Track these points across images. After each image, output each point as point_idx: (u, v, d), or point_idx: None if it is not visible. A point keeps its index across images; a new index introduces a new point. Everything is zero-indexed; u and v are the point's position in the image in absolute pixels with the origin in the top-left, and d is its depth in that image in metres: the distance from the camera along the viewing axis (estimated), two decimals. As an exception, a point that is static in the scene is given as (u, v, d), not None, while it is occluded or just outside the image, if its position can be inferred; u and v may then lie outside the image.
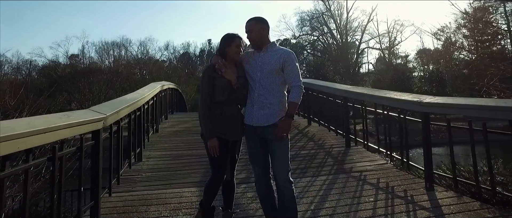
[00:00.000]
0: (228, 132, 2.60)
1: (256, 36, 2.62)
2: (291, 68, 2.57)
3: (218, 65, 2.58)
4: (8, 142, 1.90)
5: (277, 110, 2.58)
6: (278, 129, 2.50)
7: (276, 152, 2.57)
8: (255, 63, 2.64)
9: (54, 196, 2.29)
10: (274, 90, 2.59)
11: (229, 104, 2.60)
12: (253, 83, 2.63)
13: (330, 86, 6.54)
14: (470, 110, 3.10)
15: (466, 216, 2.98)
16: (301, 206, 3.33)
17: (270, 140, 2.56)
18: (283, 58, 2.57)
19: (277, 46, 2.71)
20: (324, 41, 46.84)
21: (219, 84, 2.57)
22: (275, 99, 2.59)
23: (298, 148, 5.87)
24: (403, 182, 3.98)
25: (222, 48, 2.66)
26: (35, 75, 46.73)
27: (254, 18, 2.68)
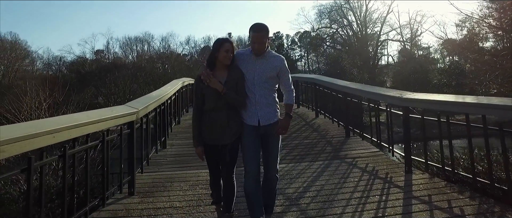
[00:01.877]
0: (218, 138, 2.72)
1: (263, 47, 2.75)
2: (285, 76, 2.88)
3: (203, 76, 2.71)
4: (76, 129, 2.74)
5: (276, 109, 2.87)
6: (280, 126, 2.80)
7: (272, 146, 2.84)
8: (252, 67, 2.80)
9: (105, 169, 3.13)
10: (271, 92, 2.84)
11: (219, 110, 2.70)
12: (252, 85, 2.78)
13: (332, 82, 7.20)
14: (436, 105, 3.70)
15: (430, 192, 3.61)
16: (295, 184, 4.06)
17: (271, 136, 2.81)
18: (279, 67, 2.81)
19: (271, 52, 2.87)
20: (343, 33, 46.60)
21: (207, 94, 2.70)
22: (273, 99, 2.85)
23: (303, 137, 6.56)
24: (388, 166, 4.61)
25: (213, 53, 2.75)
26: (65, 70, 49.32)
27: (265, 29, 2.75)
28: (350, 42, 44.68)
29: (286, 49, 68.09)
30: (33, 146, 2.31)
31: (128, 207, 3.46)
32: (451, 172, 3.73)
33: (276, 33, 79.92)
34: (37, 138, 2.31)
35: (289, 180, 4.24)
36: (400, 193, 3.65)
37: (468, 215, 3.04)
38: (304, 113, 9.40)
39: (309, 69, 64.89)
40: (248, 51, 2.85)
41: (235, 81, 2.73)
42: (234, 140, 2.77)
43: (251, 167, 2.78)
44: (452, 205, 3.25)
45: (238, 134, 2.77)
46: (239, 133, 2.78)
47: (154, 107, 5.17)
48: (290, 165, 4.89)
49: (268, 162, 2.85)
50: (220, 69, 2.74)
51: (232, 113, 2.74)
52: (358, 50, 40.95)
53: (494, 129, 3.14)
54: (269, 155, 2.84)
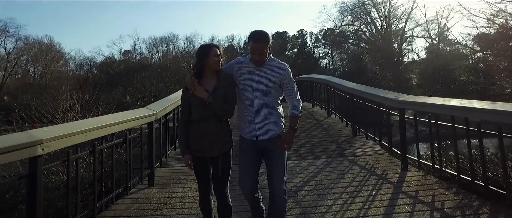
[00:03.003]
0: (205, 150, 2.50)
1: (265, 57, 2.54)
2: (289, 85, 2.62)
3: (188, 84, 2.49)
4: (103, 129, 3.30)
5: (278, 122, 2.60)
6: (282, 140, 2.51)
7: (276, 163, 2.55)
8: (251, 76, 2.58)
9: (127, 163, 3.69)
10: (272, 103, 2.60)
11: (206, 120, 2.48)
12: (250, 96, 2.56)
13: (340, 83, 7.53)
14: (425, 107, 4.00)
15: (419, 187, 3.91)
16: (296, 179, 4.47)
17: (273, 152, 2.54)
18: (281, 76, 2.58)
19: (273, 60, 2.63)
20: (366, 30, 45.94)
21: (193, 103, 2.50)
22: (275, 112, 2.60)
23: (312, 136, 6.95)
24: (386, 164, 4.92)
25: (200, 60, 2.52)
26: (95, 71, 51.86)
27: (265, 39, 2.51)
28: (374, 39, 43.98)
29: (309, 47, 67.86)
30: (70, 143, 2.88)
31: (147, 195, 4.02)
32: (440, 169, 4.01)
33: (300, 31, 79.67)
34: (73, 136, 2.88)
35: (291, 175, 4.65)
36: (390, 188, 3.99)
37: (447, 208, 3.35)
38: (317, 113, 9.76)
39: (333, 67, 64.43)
40: (248, 59, 2.62)
41: (224, 89, 2.50)
42: (225, 152, 2.54)
43: (244, 185, 2.58)
44: (435, 199, 3.56)
45: (229, 145, 2.57)
46: (230, 145, 2.58)
47: (172, 108, 5.73)
48: (295, 161, 5.30)
49: (272, 182, 2.56)
50: (209, 77, 2.52)
51: (222, 123, 2.52)
52: (382, 47, 40.30)
53: (473, 130, 3.42)
54: (272, 174, 2.56)
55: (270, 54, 2.60)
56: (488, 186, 3.31)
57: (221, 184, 2.57)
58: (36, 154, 2.44)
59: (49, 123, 8.01)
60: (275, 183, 2.55)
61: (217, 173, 2.55)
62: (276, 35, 77.47)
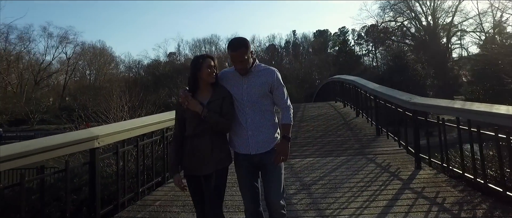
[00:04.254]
0: (198, 167, 2.35)
1: (246, 65, 2.40)
2: (279, 90, 2.48)
3: (181, 99, 2.38)
4: (144, 128, 4.02)
5: (273, 133, 2.46)
6: (278, 153, 2.37)
7: (272, 176, 2.42)
8: (240, 87, 2.45)
9: (165, 156, 4.39)
10: (266, 113, 2.45)
11: (201, 136, 2.34)
12: (242, 107, 2.43)
13: (364, 85, 7.79)
14: (435, 109, 4.25)
15: (426, 184, 4.17)
16: (314, 174, 4.91)
17: (269, 165, 2.41)
18: (270, 82, 2.44)
19: (260, 66, 2.50)
20: (411, 26, 44.16)
21: (187, 117, 2.37)
22: (269, 123, 2.45)
23: (336, 135, 7.30)
24: (402, 162, 5.19)
25: (193, 73, 2.39)
26: (142, 73, 55.34)
27: (244, 45, 2.40)
28: (419, 35, 42.17)
29: (350, 45, 66.40)
30: (118, 139, 3.62)
31: (182, 185, 4.72)
32: (447, 168, 4.25)
33: (341, 29, 78.22)
34: (120, 133, 3.62)
35: (310, 171, 5.09)
36: (398, 184, 4.29)
37: (447, 203, 3.61)
38: (347, 113, 10.01)
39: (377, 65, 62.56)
40: (233, 69, 2.49)
41: (219, 101, 2.38)
42: (219, 169, 2.36)
43: (248, 203, 2.44)
44: (439, 195, 3.82)
45: (224, 162, 2.41)
46: (226, 162, 2.42)
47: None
48: (316, 159, 5.73)
49: (268, 196, 2.40)
50: (204, 90, 2.41)
51: (217, 138, 2.38)
52: (427, 43, 38.61)
53: (473, 130, 3.65)
54: (268, 188, 2.41)
55: (256, 60, 2.50)
56: (487, 184, 3.53)
57: (214, 205, 2.35)
58: (94, 146, 3.17)
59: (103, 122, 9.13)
60: (274, 199, 2.37)
61: (209, 193, 2.34)
62: (317, 33, 76.90)
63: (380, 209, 3.53)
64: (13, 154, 2.38)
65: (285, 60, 70.57)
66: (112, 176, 4.37)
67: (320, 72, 55.09)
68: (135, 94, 11.43)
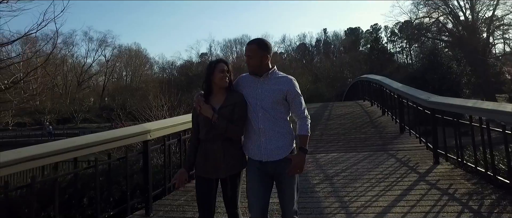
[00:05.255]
0: (211, 171, 2.38)
1: (255, 63, 2.40)
2: (296, 99, 2.41)
3: (195, 103, 2.43)
4: (183, 125, 4.65)
5: (287, 141, 2.40)
6: (293, 165, 2.31)
7: (286, 185, 2.37)
8: (255, 90, 2.42)
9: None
10: (279, 120, 2.40)
11: (212, 141, 2.36)
12: (255, 113, 2.39)
13: (389, 84, 8.08)
14: (449, 107, 4.55)
15: (441, 177, 4.49)
16: (337, 167, 5.34)
17: (283, 175, 2.36)
18: (286, 89, 2.38)
19: (277, 73, 2.47)
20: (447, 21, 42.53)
21: (200, 122, 2.40)
22: (283, 130, 2.40)
23: (361, 132, 7.65)
24: (421, 158, 5.49)
25: (207, 77, 2.42)
26: (175, 73, 57.51)
27: (257, 42, 2.44)
28: (457, 30, 40.55)
29: (383, 42, 64.86)
30: (164, 133, 4.28)
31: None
32: (462, 162, 4.54)
33: (373, 26, 76.61)
34: (166, 129, 4.27)
35: (333, 164, 5.53)
36: (415, 177, 4.64)
37: (458, 193, 3.92)
38: (373, 111, 10.27)
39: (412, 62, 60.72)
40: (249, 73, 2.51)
41: (231, 107, 2.38)
42: (233, 174, 2.39)
43: (254, 212, 2.36)
44: (451, 187, 4.14)
45: (237, 168, 2.41)
46: (238, 167, 2.42)
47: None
48: (340, 154, 6.15)
49: (283, 203, 2.40)
50: (218, 95, 2.42)
51: (229, 144, 2.39)
52: (465, 39, 37.06)
53: (483, 127, 3.96)
54: (283, 195, 2.38)
55: (274, 67, 2.47)
56: (496, 176, 3.83)
57: (231, 205, 2.43)
58: (146, 139, 3.83)
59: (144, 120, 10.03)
60: (286, 205, 2.37)
61: (226, 195, 2.41)
62: (349, 31, 75.86)
63: (394, 197, 3.92)
64: (92, 142, 3.09)
65: (316, 59, 70.29)
66: (157, 167, 5.05)
67: (351, 70, 54.44)
68: (173, 95, 12.35)
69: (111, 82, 64.44)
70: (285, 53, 73.13)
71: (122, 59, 67.63)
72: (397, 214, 3.43)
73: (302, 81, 48.80)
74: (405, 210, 3.52)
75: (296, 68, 55.05)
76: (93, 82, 65.01)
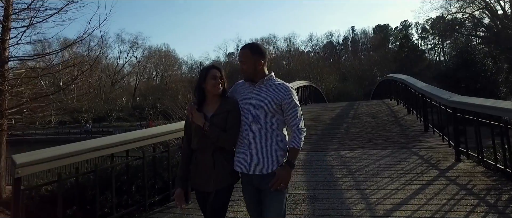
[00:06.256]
0: (201, 183, 2.27)
1: (248, 69, 2.28)
2: (291, 109, 2.25)
3: (187, 111, 2.35)
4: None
5: (276, 155, 2.23)
6: (276, 178, 2.15)
7: (270, 204, 2.19)
8: (249, 97, 2.30)
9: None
10: (271, 132, 2.24)
11: (203, 151, 2.26)
12: (247, 122, 2.26)
13: (413, 84, 8.22)
14: (469, 106, 4.73)
15: (461, 174, 4.68)
16: (360, 163, 5.61)
17: (266, 190, 2.20)
18: (281, 97, 2.24)
19: (274, 80, 2.33)
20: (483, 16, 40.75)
21: (193, 131, 2.30)
22: (272, 143, 2.23)
23: (385, 131, 7.84)
24: (443, 155, 5.66)
25: (199, 84, 2.31)
26: (204, 73, 59.06)
27: (249, 46, 2.32)
28: (493, 25, 38.78)
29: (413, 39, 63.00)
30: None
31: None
32: (482, 159, 4.71)
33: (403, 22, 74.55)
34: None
35: (357, 160, 5.81)
36: (435, 173, 4.85)
37: (476, 188, 4.11)
38: (398, 110, 10.37)
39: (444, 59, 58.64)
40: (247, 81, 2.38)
41: (224, 115, 2.26)
42: (222, 188, 2.23)
43: None
44: (470, 182, 4.34)
45: (226, 181, 2.26)
46: (228, 180, 2.27)
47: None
48: (364, 151, 6.40)
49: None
50: (211, 102, 2.32)
51: (221, 154, 2.26)
52: (503, 34, 35.35)
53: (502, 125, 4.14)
54: (266, 212, 2.20)
55: (271, 73, 2.35)
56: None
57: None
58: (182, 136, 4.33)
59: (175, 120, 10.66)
60: None
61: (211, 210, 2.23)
62: (377, 28, 74.30)
63: (413, 191, 4.18)
64: (146, 136, 3.65)
65: (344, 57, 69.47)
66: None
67: (380, 69, 53.43)
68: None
69: (141, 82, 67.02)
70: (312, 52, 72.86)
71: (152, 60, 70.16)
72: (414, 205, 3.71)
73: (330, 80, 48.52)
74: (422, 202, 3.79)
75: (323, 67, 54.73)
76: (125, 82, 67.88)
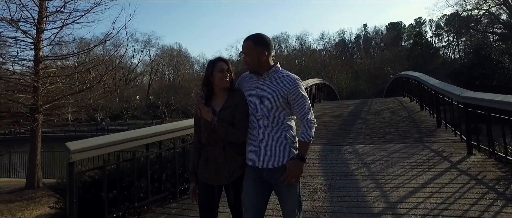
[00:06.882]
0: (212, 177, 2.27)
1: (252, 61, 2.24)
2: (298, 102, 2.21)
3: (196, 106, 2.35)
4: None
5: (285, 149, 2.20)
6: (287, 173, 2.13)
7: (286, 196, 2.21)
8: (255, 91, 2.26)
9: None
10: (279, 125, 2.21)
11: (214, 145, 2.25)
12: (254, 115, 2.23)
13: (426, 81, 8.43)
14: (480, 102, 4.94)
15: (472, 165, 4.89)
16: (374, 156, 5.87)
17: (279, 185, 2.19)
18: (288, 90, 2.19)
19: (280, 72, 2.28)
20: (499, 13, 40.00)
21: (202, 126, 2.29)
22: (281, 137, 2.21)
23: (399, 126, 8.06)
24: (455, 149, 5.86)
25: (206, 78, 2.30)
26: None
27: (252, 37, 2.26)
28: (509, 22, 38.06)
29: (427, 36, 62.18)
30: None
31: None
32: (492, 152, 4.92)
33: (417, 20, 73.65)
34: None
35: (371, 154, 6.06)
36: (447, 165, 5.07)
37: (486, 179, 4.30)
38: (412, 107, 10.54)
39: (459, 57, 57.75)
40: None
41: (232, 109, 2.25)
42: (235, 180, 2.27)
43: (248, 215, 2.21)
44: (481, 173, 4.54)
45: (237, 174, 2.27)
46: (239, 173, 2.28)
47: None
48: (378, 145, 6.65)
49: (285, 213, 2.23)
50: (219, 96, 2.30)
51: (231, 148, 2.25)
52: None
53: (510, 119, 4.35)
54: (283, 208, 2.24)
55: (276, 64, 2.29)
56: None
57: (237, 211, 2.29)
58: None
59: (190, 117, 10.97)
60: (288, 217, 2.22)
61: (230, 202, 2.30)
62: (390, 26, 73.61)
63: (425, 180, 4.43)
64: (177, 128, 4.01)
65: (356, 55, 69.08)
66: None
67: (393, 66, 53.02)
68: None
69: (154, 81, 68.08)
70: (324, 50, 72.67)
71: (165, 59, 71.20)
72: (426, 193, 3.96)
73: (342, 78, 48.41)
74: (434, 190, 4.04)
75: (335, 65, 54.61)
76: (138, 81, 69.05)
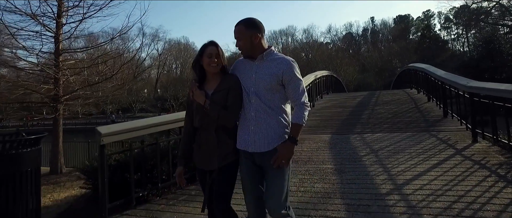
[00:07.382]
0: (204, 161, 2.26)
1: (245, 45, 2.22)
2: (292, 83, 2.18)
3: (189, 89, 2.34)
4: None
5: (277, 133, 2.18)
6: (278, 155, 2.10)
7: (272, 181, 2.17)
8: (250, 74, 2.24)
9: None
10: (273, 109, 2.19)
11: (206, 129, 2.23)
12: (248, 99, 2.22)
13: (433, 72, 8.60)
14: (486, 91, 5.12)
15: (476, 152, 5.09)
16: (382, 143, 6.09)
17: (269, 168, 2.16)
18: (282, 72, 2.16)
19: (275, 54, 2.26)
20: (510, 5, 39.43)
21: (194, 110, 2.28)
22: (274, 120, 2.18)
23: (406, 116, 8.25)
24: (461, 137, 6.05)
25: (196, 61, 2.29)
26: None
27: (243, 22, 2.23)
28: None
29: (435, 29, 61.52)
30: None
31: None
32: (496, 140, 5.12)
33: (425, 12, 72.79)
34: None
35: (379, 142, 6.28)
36: (452, 151, 5.28)
37: (489, 164, 4.52)
38: (419, 98, 10.70)
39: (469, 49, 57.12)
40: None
41: (224, 92, 2.23)
42: (225, 165, 2.23)
43: (248, 203, 2.28)
44: (484, 159, 4.75)
45: (231, 158, 2.25)
46: (232, 157, 2.26)
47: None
48: (385, 134, 6.86)
49: (267, 202, 2.18)
50: (212, 80, 2.29)
51: (224, 132, 2.24)
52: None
53: None
54: (267, 193, 2.19)
55: (270, 47, 2.27)
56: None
57: (219, 203, 2.22)
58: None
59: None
60: (272, 207, 2.15)
61: (217, 189, 2.22)
62: (398, 19, 72.89)
63: (430, 165, 4.65)
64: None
65: (363, 49, 68.70)
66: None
67: (401, 60, 52.68)
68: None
69: (162, 75, 68.59)
70: (331, 43, 72.38)
71: (172, 53, 71.61)
72: (431, 176, 4.19)
73: (349, 71, 48.31)
74: (438, 174, 4.26)
75: (342, 58, 54.44)
76: (146, 75, 69.58)
